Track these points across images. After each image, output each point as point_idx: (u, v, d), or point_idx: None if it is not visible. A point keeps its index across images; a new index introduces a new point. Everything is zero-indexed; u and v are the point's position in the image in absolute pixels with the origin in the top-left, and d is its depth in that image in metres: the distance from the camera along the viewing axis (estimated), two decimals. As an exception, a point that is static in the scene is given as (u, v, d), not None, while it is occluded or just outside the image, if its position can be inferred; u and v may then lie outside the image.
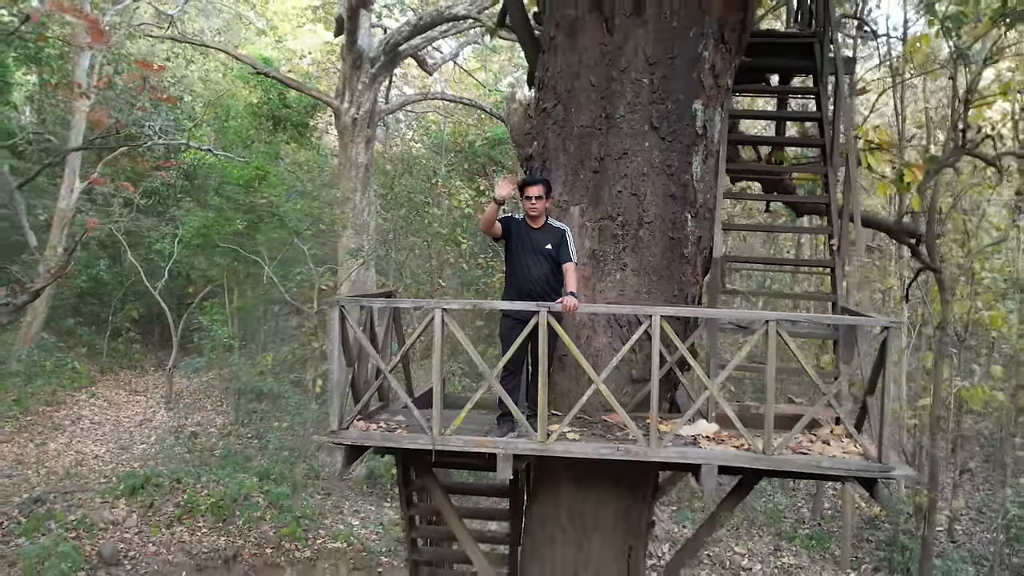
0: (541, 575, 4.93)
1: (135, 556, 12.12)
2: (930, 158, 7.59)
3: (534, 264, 4.32)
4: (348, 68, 16.43)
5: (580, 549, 4.78)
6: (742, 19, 4.89)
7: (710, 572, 13.29)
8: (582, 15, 4.80)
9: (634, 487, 4.77)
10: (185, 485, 13.61)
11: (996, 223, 13.21)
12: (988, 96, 8.31)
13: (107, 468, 15.95)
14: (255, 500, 13.37)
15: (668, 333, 3.98)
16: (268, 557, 12.65)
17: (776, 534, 14.63)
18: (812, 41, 5.76)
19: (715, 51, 4.84)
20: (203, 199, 21.92)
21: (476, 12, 15.56)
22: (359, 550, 12.99)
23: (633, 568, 4.86)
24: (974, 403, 14.58)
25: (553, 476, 4.77)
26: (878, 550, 14.21)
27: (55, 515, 12.28)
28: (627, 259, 4.73)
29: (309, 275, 17.42)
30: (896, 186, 6.74)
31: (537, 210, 4.36)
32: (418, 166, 23.76)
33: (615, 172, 4.75)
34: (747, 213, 11.31)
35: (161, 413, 20.22)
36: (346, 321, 4.15)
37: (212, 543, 12.63)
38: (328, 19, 26.96)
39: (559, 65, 4.92)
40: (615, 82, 4.73)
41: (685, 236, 4.85)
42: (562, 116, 4.89)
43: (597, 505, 4.74)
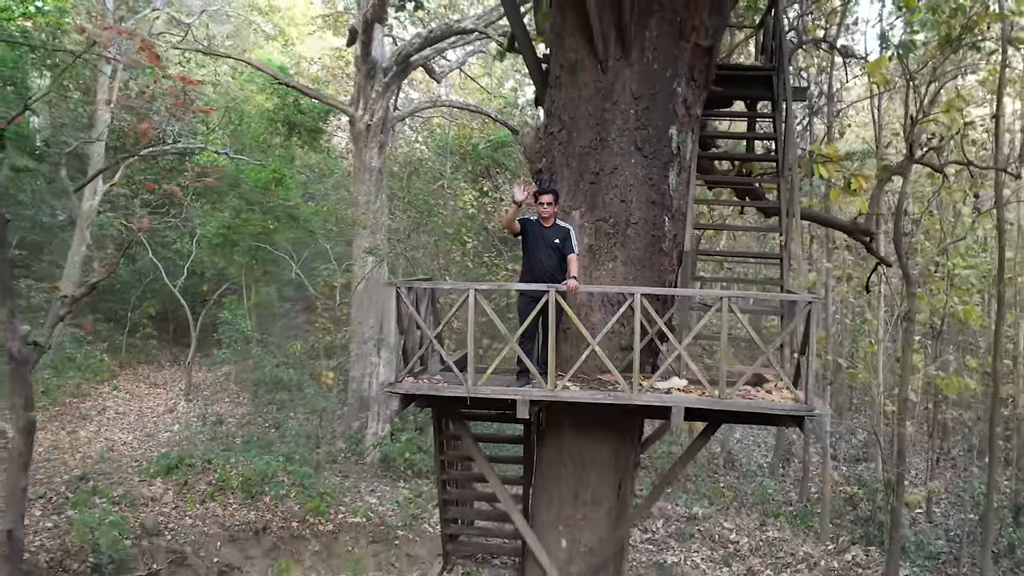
0: (548, 506, 6.30)
1: (174, 528, 13.48)
2: (883, 167, 8.95)
3: (545, 255, 5.69)
4: (362, 78, 17.80)
5: (580, 484, 6.16)
6: (708, 62, 6.26)
7: (701, 544, 14.66)
8: (581, 59, 6.17)
9: (623, 432, 6.14)
10: (215, 465, 14.98)
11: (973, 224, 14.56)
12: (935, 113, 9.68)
13: (136, 453, 17.30)
14: (280, 479, 14.74)
15: (648, 309, 5.33)
16: (294, 530, 14.03)
17: (763, 512, 16.01)
18: (771, 74, 7.13)
19: (687, 87, 6.21)
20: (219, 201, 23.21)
21: (483, 26, 16.94)
22: (377, 524, 14.36)
23: (623, 498, 6.23)
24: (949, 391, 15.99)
25: (557, 424, 6.14)
26: (856, 525, 15.59)
27: (99, 491, 13.64)
28: (617, 252, 6.10)
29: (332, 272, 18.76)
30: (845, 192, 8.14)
31: (548, 213, 5.73)
32: (424, 168, 25.12)
33: (608, 183, 6.12)
34: (722, 217, 12.64)
35: (182, 404, 21.61)
36: (401, 300, 5.52)
37: (243, 517, 14.00)
38: (337, 26, 28.41)
39: (563, 98, 6.29)
40: (607, 112, 6.10)
41: (663, 234, 6.22)
42: (566, 139, 6.26)
43: (593, 447, 6.11)
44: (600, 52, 6.06)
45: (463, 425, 6.21)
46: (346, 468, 16.65)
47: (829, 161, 7.56)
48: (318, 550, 13.79)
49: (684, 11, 6.02)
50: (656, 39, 6.02)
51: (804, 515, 15.69)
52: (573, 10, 6.12)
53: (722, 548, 14.59)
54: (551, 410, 5.98)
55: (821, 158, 7.61)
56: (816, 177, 7.78)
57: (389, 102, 18.28)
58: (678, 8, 6.03)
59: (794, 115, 6.67)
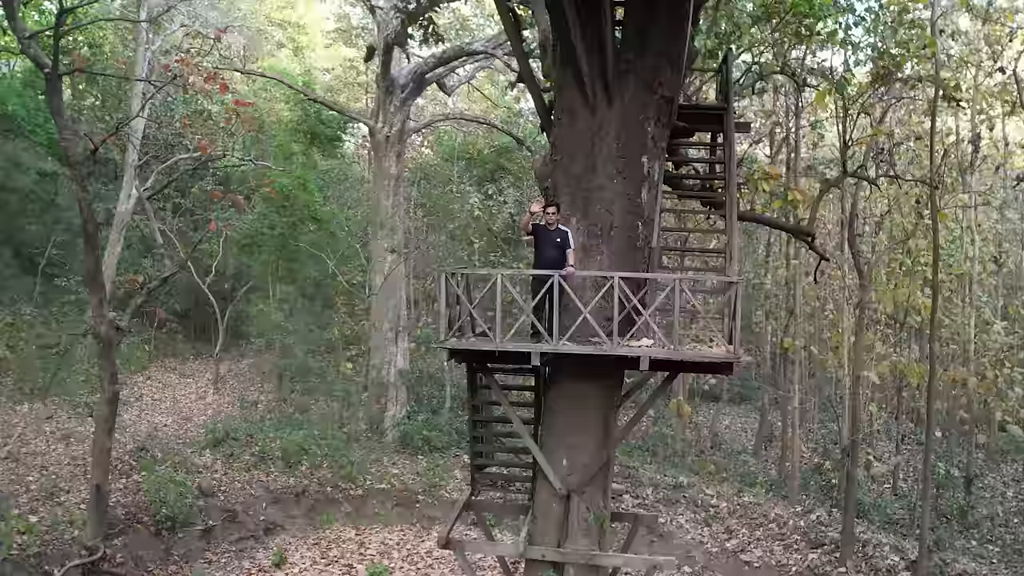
0: (553, 435, 8.76)
1: (225, 490, 15.95)
2: (824, 180, 11.41)
3: (550, 250, 8.16)
4: (382, 94, 20.28)
5: (576, 418, 8.63)
6: (670, 108, 8.74)
7: (686, 508, 17.15)
8: (577, 106, 8.64)
9: (608, 379, 8.61)
10: (256, 439, 17.47)
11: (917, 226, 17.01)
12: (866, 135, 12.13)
13: (178, 433, 19.81)
14: (314, 452, 17.20)
15: (624, 289, 7.78)
16: (328, 494, 16.50)
17: (741, 482, 18.50)
18: (722, 112, 9.60)
19: (654, 127, 8.69)
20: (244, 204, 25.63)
21: (491, 48, 19.45)
22: (400, 490, 16.84)
23: (608, 429, 8.70)
24: (911, 377, 18.52)
25: (559, 374, 8.60)
26: (821, 491, 18.08)
27: (159, 460, 16.09)
28: (603, 249, 8.56)
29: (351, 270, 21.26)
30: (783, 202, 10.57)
31: (552, 219, 8.21)
32: (434, 174, 27.64)
33: (596, 198, 8.58)
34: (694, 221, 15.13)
35: (211, 392, 24.10)
36: (448, 281, 7.98)
37: (283, 483, 16.48)
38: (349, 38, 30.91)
39: (564, 135, 8.77)
40: (596, 146, 8.57)
41: (637, 235, 8.69)
42: (566, 165, 8.74)
43: (586, 391, 8.58)
44: (590, 101, 8.54)
45: (491, 375, 8.69)
46: (369, 445, 19.08)
47: (770, 178, 10.02)
48: (350, 511, 16.24)
49: (652, 72, 8.51)
50: (631, 92, 8.50)
51: (777, 484, 18.14)
52: (570, 69, 8.59)
53: (704, 511, 17.06)
54: (555, 363, 8.45)
55: (764, 175, 10.07)
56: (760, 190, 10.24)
57: (406, 115, 20.74)
58: (647, 70, 8.51)
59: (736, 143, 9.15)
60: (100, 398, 14.02)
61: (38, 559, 12.46)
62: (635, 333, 8.20)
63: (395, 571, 12.75)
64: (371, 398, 20.20)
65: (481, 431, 9.66)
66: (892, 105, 13.32)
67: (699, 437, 22.51)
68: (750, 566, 15.49)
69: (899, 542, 15.80)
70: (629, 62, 8.46)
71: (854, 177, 12.19)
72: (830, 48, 12.49)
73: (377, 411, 20.15)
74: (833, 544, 15.56)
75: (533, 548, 8.61)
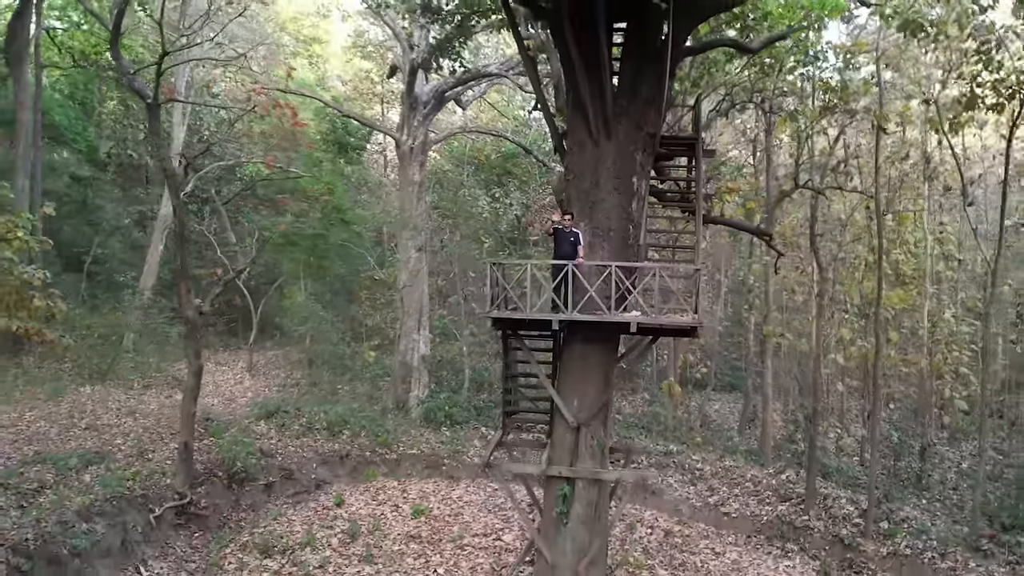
0: (566, 383, 12.21)
1: (280, 453, 19.38)
2: (780, 191, 14.87)
3: (566, 247, 11.63)
4: (407, 109, 23.76)
5: (584, 370, 12.08)
6: (654, 141, 12.23)
7: (675, 471, 20.62)
8: (584, 140, 12.12)
9: (608, 341, 12.09)
10: (303, 412, 20.89)
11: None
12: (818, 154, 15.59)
13: (227, 411, 23.16)
14: (353, 422, 20.64)
15: (619, 275, 11.23)
16: (367, 457, 19.95)
17: (723, 450, 22.00)
18: (694, 142, 13.08)
19: (642, 155, 12.19)
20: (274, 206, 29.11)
21: (504, 70, 22.94)
22: (428, 455, 20.29)
23: (607, 378, 12.18)
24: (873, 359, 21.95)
25: (571, 337, 12.07)
26: (792, 456, 21.58)
27: (224, 428, 19.49)
28: (604, 245, 12.02)
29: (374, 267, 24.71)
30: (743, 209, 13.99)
31: (567, 223, 11.69)
32: (447, 179, 31.15)
33: (599, 208, 12.05)
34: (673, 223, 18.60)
35: (248, 378, 27.52)
36: (492, 269, 11.43)
37: (329, 447, 19.92)
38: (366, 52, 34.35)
39: (575, 161, 12.26)
40: (598, 169, 12.05)
41: (629, 236, 12.17)
42: (576, 182, 12.22)
43: (591, 351, 12.05)
44: (594, 136, 12.01)
45: (520, 339, 12.16)
46: (396, 420, 22.52)
47: (732, 191, 13.48)
48: (386, 472, 19.68)
49: (640, 116, 12.00)
50: (624, 130, 11.98)
51: (755, 451, 21.60)
52: (579, 112, 12.06)
53: (690, 474, 20.54)
54: (568, 328, 11.91)
55: (728, 189, 13.54)
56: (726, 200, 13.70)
57: (427, 128, 24.21)
58: (637, 113, 12.00)
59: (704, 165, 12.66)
60: (188, 370, 17.44)
61: (142, 500, 15.86)
62: (627, 306, 11.67)
63: (432, 509, 16.19)
64: (397, 380, 23.63)
65: (511, 384, 13.12)
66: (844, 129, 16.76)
67: (689, 418, 26.01)
68: (728, 516, 18.99)
69: (855, 496, 19.29)
70: (623, 107, 11.94)
71: (805, 188, 15.68)
72: (791, 81, 15.88)
73: (403, 391, 23.59)
74: (799, 498, 19.07)
75: (552, 467, 12.08)
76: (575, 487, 12.10)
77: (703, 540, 16.57)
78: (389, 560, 13.88)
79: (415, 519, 15.78)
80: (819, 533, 17.96)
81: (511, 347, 12.79)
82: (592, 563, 12.14)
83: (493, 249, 30.29)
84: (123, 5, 15.73)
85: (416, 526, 15.50)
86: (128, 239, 33.67)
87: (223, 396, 25.18)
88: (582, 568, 11.99)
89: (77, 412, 20.68)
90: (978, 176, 19.29)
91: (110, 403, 21.99)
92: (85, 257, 28.84)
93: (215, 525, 16.87)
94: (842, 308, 23.16)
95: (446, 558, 14.21)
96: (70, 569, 13.31)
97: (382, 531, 15.09)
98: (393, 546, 14.49)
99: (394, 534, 15.03)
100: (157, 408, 22.15)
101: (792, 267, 24.42)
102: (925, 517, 18.42)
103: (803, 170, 17.04)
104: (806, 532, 18.06)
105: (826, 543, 17.73)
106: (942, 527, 17.81)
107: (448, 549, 14.60)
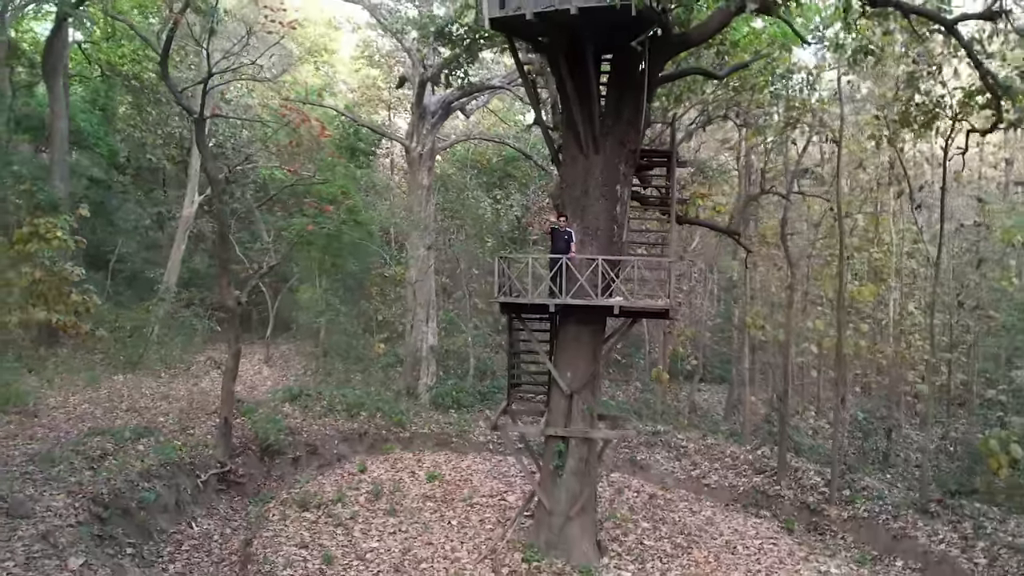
0: (562, 358, 15.02)
1: (305, 431, 22.16)
2: (748, 196, 17.69)
3: (561, 243, 14.44)
4: (416, 119, 26.59)
5: (576, 348, 14.91)
6: (635, 154, 15.07)
7: (662, 448, 23.44)
8: (576, 154, 14.96)
9: (596, 323, 14.93)
10: (324, 395, 23.70)
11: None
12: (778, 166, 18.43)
13: (249, 397, 25.93)
14: (369, 405, 23.45)
15: (605, 267, 14.04)
16: (383, 435, 22.75)
17: (708, 431, 24.84)
18: (669, 155, 15.90)
19: (625, 166, 15.03)
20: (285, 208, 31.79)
21: (506, 83, 25.79)
22: (438, 434, 23.09)
23: (595, 355, 15.01)
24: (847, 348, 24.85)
25: (565, 319, 14.89)
26: (768, 435, 24.43)
27: (254, 408, 22.27)
28: (593, 243, 14.84)
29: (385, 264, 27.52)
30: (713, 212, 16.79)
31: (562, 224, 14.51)
32: (451, 182, 33.98)
33: (589, 211, 14.87)
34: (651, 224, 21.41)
35: (265, 368, 30.33)
36: (499, 262, 14.23)
37: (348, 427, 22.71)
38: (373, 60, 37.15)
39: (568, 171, 15.10)
40: (588, 179, 14.87)
41: (614, 234, 15.00)
42: (569, 190, 15.05)
43: (582, 331, 14.88)
44: (584, 151, 14.83)
45: (523, 321, 14.97)
46: (407, 405, 25.33)
47: (703, 196, 16.30)
48: (401, 448, 22.47)
49: (623, 135, 14.83)
50: (610, 147, 14.81)
51: (736, 432, 24.40)
52: (571, 131, 14.88)
53: (675, 450, 23.36)
54: (563, 311, 14.72)
55: (699, 195, 16.36)
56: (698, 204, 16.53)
57: (435, 136, 27.04)
58: (620, 132, 14.83)
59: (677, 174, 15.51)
60: (228, 353, 20.23)
61: (190, 467, 18.63)
62: (611, 293, 14.49)
63: (445, 475, 19.00)
64: (407, 369, 26.44)
65: (515, 360, 15.93)
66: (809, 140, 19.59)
67: (679, 405, 28.86)
68: (708, 487, 21.81)
69: (822, 470, 22.11)
70: (608, 127, 14.77)
71: (770, 193, 18.49)
72: (758, 100, 18.71)
73: (413, 379, 26.41)
74: (772, 471, 21.89)
75: (549, 428, 14.89)
76: (569, 445, 14.91)
77: (683, 503, 19.36)
78: (409, 514, 16.66)
79: (430, 483, 18.57)
80: (789, 500, 20.79)
81: (515, 328, 15.62)
82: (583, 509, 14.95)
83: (495, 248, 33.12)
84: (171, 33, 18.54)
85: (431, 488, 18.29)
86: (145, 239, 36.53)
87: (245, 384, 27.94)
88: (574, 513, 14.80)
89: (115, 396, 23.49)
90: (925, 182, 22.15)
91: (143, 389, 24.82)
92: (109, 256, 31.62)
93: (251, 491, 19.64)
94: (817, 302, 26.00)
95: (458, 513, 16.99)
96: (137, 519, 16.05)
97: (401, 492, 17.87)
98: (412, 504, 17.27)
99: (412, 495, 17.81)
100: (187, 393, 24.94)
101: (772, 265, 27.30)
102: (884, 487, 21.24)
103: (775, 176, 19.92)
104: (777, 500, 20.89)
105: (795, 509, 20.54)
106: (897, 494, 20.62)
107: (460, 507, 17.37)
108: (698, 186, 19.27)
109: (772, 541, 16.83)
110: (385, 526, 15.93)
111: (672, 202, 15.05)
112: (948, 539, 18.18)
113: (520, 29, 13.83)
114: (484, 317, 30.88)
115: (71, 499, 14.96)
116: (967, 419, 25.24)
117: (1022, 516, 18.70)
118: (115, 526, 15.18)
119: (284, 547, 14.72)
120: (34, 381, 23.71)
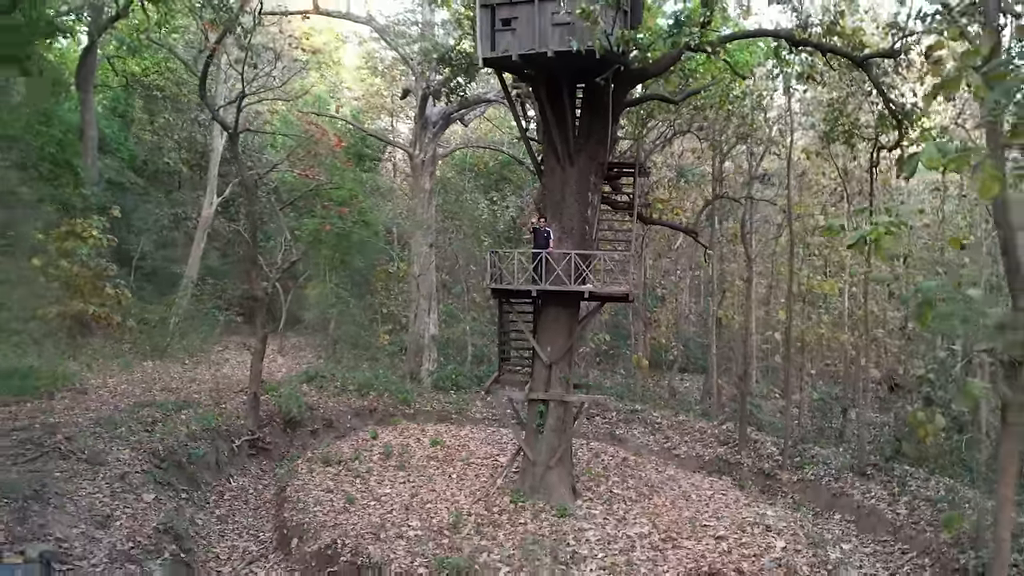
0: (543, 335, 18.84)
1: (321, 407, 25.99)
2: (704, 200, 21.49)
3: (541, 240, 18.24)
4: (419, 129, 30.42)
5: (555, 326, 18.73)
6: (604, 167, 18.90)
7: (639, 424, 27.29)
8: (554, 166, 18.80)
9: (571, 306, 18.75)
10: (337, 377, 27.53)
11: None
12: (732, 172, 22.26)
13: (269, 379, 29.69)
14: (377, 385, 27.30)
15: (578, 260, 17.84)
16: (390, 411, 26.58)
17: (681, 410, 28.67)
18: (634, 165, 19.71)
19: (596, 177, 18.87)
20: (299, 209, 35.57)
21: (501, 98, 29.58)
22: (440, 411, 26.93)
23: (571, 332, 18.83)
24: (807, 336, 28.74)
25: (546, 302, 18.71)
26: (734, 412, 28.27)
27: (276, 387, 26.08)
28: (568, 240, 18.65)
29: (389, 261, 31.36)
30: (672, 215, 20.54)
31: (543, 224, 18.34)
32: (451, 185, 37.82)
33: (565, 214, 18.69)
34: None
35: (279, 358, 34.14)
36: (492, 255, 18.02)
37: (359, 404, 26.55)
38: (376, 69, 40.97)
39: (548, 180, 18.95)
40: (564, 187, 18.70)
41: (586, 233, 18.83)
42: (549, 196, 18.89)
43: (559, 312, 18.70)
44: (561, 164, 18.65)
45: (511, 304, 18.78)
46: (411, 387, 29.16)
47: (661, 201, 20.10)
48: (406, 423, 26.28)
49: (594, 151, 18.66)
50: (583, 161, 18.63)
51: (707, 412, 28.22)
52: (551, 148, 18.70)
53: (651, 426, 27.20)
54: (543, 296, 18.52)
55: (658, 200, 20.14)
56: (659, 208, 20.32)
57: (436, 144, 30.88)
58: (591, 149, 18.65)
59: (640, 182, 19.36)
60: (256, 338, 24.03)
61: (226, 433, 22.42)
62: (583, 280, 18.28)
63: (446, 442, 22.82)
64: (411, 355, 30.28)
65: (504, 338, 19.78)
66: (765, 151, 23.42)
67: (659, 390, 32.71)
68: (678, 457, 25.63)
69: (779, 441, 25.95)
70: (581, 145, 18.58)
71: (723, 198, 22.26)
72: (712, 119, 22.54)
73: (415, 365, 30.25)
74: (735, 443, 25.72)
75: (532, 393, 18.70)
76: (549, 407, 18.71)
77: (650, 465, 23.16)
78: (416, 469, 20.44)
79: (433, 447, 22.37)
80: (747, 467, 24.62)
81: (504, 311, 19.43)
82: (560, 460, 18.75)
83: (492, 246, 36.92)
84: (209, 59, 22.39)
85: (434, 451, 22.08)
86: (162, 237, 40.36)
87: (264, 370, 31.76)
88: (553, 463, 18.60)
89: (148, 379, 27.28)
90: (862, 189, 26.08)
91: (172, 373, 28.63)
92: (133, 253, 35.42)
93: (277, 456, 23.47)
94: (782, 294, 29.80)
95: (457, 469, 20.76)
96: (188, 471, 19.84)
97: (409, 453, 21.66)
98: (418, 462, 21.05)
99: (418, 455, 21.60)
100: (211, 377, 28.77)
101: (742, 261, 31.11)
102: (831, 455, 25.07)
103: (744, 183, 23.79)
104: (737, 466, 24.72)
105: (752, 474, 24.36)
106: (841, 461, 24.44)
107: (458, 465, 21.15)
108: (660, 192, 23.05)
109: (722, 492, 20.59)
110: (396, 477, 19.73)
111: (635, 205, 18.88)
112: (879, 496, 22.02)
113: (508, 66, 17.63)
114: (480, 309, 34.72)
115: (135, 453, 18.77)
116: (906, 396, 29.11)
117: (941, 476, 22.57)
118: (171, 475, 19.03)
119: (313, 491, 18.49)
120: (75, 366, 27.47)
